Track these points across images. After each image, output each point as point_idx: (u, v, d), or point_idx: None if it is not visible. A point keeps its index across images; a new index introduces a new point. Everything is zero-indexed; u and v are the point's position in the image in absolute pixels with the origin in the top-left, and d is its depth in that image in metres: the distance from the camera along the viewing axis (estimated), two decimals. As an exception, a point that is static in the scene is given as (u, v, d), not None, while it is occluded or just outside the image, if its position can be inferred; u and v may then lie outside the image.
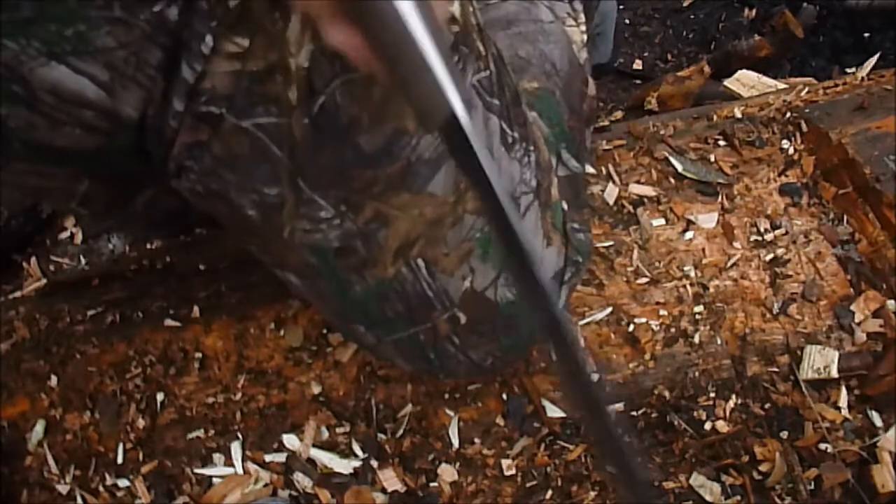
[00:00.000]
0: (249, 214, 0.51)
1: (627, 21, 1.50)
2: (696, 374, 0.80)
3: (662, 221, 0.88)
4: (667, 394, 0.79)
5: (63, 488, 0.78)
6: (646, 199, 0.90)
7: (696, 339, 0.82)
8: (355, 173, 0.50)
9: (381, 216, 0.52)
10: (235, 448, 0.79)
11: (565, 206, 0.70)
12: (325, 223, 0.52)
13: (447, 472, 0.77)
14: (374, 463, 0.77)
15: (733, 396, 0.79)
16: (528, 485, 0.77)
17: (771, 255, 0.86)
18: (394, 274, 0.56)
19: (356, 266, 0.55)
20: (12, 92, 0.41)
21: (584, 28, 0.82)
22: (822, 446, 0.77)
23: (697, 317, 0.83)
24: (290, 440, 0.79)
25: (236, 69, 0.43)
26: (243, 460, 0.78)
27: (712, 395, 0.80)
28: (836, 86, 1.00)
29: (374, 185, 0.51)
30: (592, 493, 0.76)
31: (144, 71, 0.43)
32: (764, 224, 0.88)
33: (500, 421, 0.79)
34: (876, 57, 1.07)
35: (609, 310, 0.83)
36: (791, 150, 0.93)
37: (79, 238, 0.96)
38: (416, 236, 0.55)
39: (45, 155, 0.47)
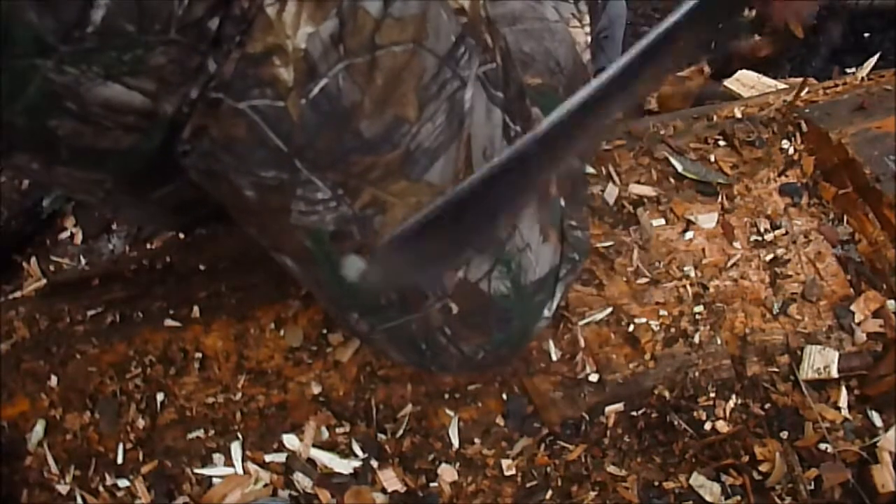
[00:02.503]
0: (248, 195, 0.51)
1: (628, 21, 1.50)
2: (696, 374, 0.80)
3: (662, 221, 0.88)
4: (667, 394, 0.79)
5: (63, 488, 0.78)
6: (646, 200, 0.90)
7: (696, 340, 0.82)
8: (354, 158, 0.50)
9: (377, 202, 0.53)
10: (235, 448, 0.79)
11: (563, 204, 0.70)
12: (322, 205, 0.52)
13: (447, 473, 0.77)
14: (374, 463, 0.77)
15: (733, 396, 0.79)
16: (528, 485, 0.77)
17: (771, 256, 0.86)
18: None
19: (351, 251, 0.55)
20: (66, 107, 0.43)
21: (587, 30, 0.82)
22: (822, 446, 0.77)
23: (697, 317, 0.83)
24: (290, 440, 0.79)
25: (238, 55, 0.45)
26: (243, 460, 0.78)
27: (712, 395, 0.80)
28: (836, 86, 1.00)
29: (372, 170, 0.51)
30: (592, 494, 0.76)
31: (186, 75, 0.45)
32: (764, 224, 0.88)
33: (500, 421, 0.79)
34: (876, 57, 1.06)
35: (609, 310, 0.83)
36: (791, 150, 0.93)
37: (79, 238, 0.96)
38: None
39: (86, 157, 0.49)
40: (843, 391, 0.80)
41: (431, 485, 0.77)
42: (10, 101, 0.42)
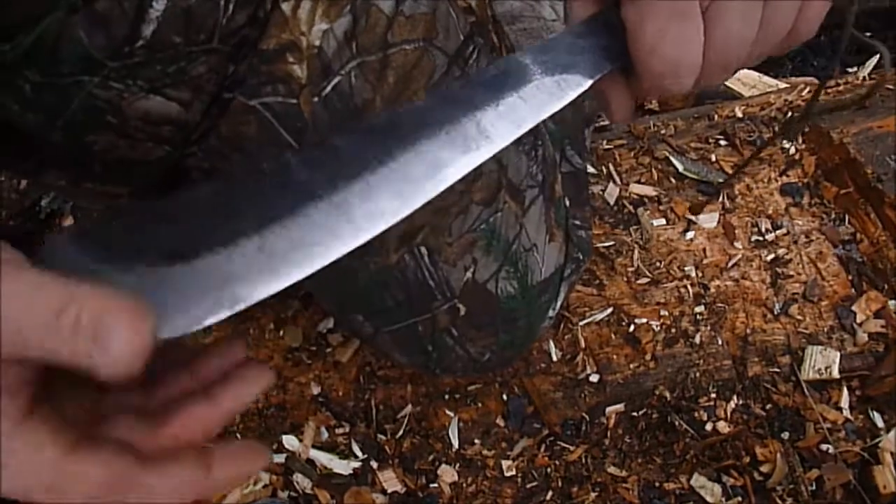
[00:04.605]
0: None
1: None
2: (697, 374, 0.80)
3: (663, 221, 0.88)
4: (667, 394, 0.79)
5: (61, 489, 0.77)
6: (646, 199, 0.90)
7: (697, 340, 0.81)
8: None
9: None
10: (234, 449, 0.78)
11: (567, 203, 0.70)
12: None
13: (447, 473, 0.77)
14: (374, 464, 0.77)
15: (734, 397, 0.79)
16: (528, 486, 0.76)
17: (772, 256, 0.86)
18: (396, 261, 0.56)
19: (358, 252, 0.55)
20: (106, 121, 0.42)
21: None
22: (824, 447, 0.77)
23: (698, 317, 0.83)
24: (289, 441, 0.78)
25: (252, 53, 0.44)
26: (242, 461, 0.78)
27: (713, 395, 0.79)
28: (838, 85, 1.00)
29: None
30: (593, 495, 0.76)
31: (219, 83, 0.44)
32: (765, 224, 0.88)
33: (500, 422, 0.79)
34: (877, 56, 1.06)
35: (609, 310, 0.83)
36: (792, 150, 0.93)
37: (77, 238, 0.96)
38: (420, 224, 0.54)
39: (116, 171, 0.48)
40: (845, 392, 0.79)
41: (431, 485, 0.77)
42: (52, 117, 0.41)
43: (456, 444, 0.78)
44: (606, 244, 0.86)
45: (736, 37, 0.35)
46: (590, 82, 0.36)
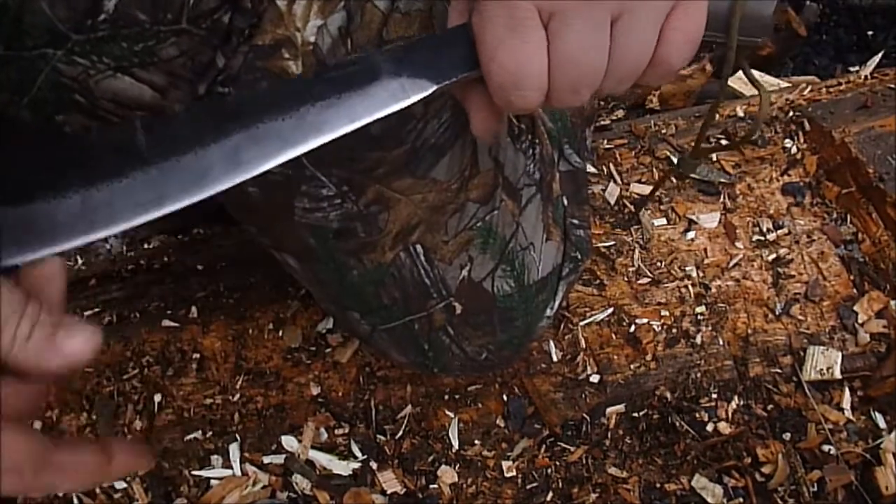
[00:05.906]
0: (250, 191, 0.51)
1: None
2: (698, 375, 0.80)
3: (664, 221, 0.88)
4: (668, 395, 0.79)
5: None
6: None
7: (698, 340, 0.81)
8: (360, 154, 0.50)
9: (382, 199, 0.52)
10: (233, 449, 0.78)
11: (566, 202, 0.70)
12: (327, 202, 0.51)
13: (447, 474, 0.77)
14: (374, 464, 0.77)
15: (735, 397, 0.79)
16: (528, 486, 0.76)
17: (773, 255, 0.86)
18: (392, 259, 0.56)
19: (355, 249, 0.55)
20: (75, 101, 0.42)
21: None
22: (826, 448, 0.76)
23: (699, 317, 0.82)
24: (288, 441, 0.78)
25: (247, 48, 0.44)
26: (241, 462, 0.78)
27: (714, 396, 0.79)
28: (839, 84, 0.99)
29: (378, 167, 0.51)
30: (594, 495, 0.75)
31: (196, 70, 0.44)
32: (766, 224, 0.87)
33: (500, 422, 0.79)
34: (879, 55, 1.06)
35: (610, 310, 0.82)
36: (794, 150, 0.93)
37: (76, 238, 0.96)
38: (416, 222, 0.54)
39: None
40: (847, 392, 0.79)
41: (431, 486, 0.76)
42: (18, 93, 0.41)
43: (456, 444, 0.78)
44: (607, 244, 0.86)
45: (579, 55, 0.35)
46: (434, 87, 0.37)
